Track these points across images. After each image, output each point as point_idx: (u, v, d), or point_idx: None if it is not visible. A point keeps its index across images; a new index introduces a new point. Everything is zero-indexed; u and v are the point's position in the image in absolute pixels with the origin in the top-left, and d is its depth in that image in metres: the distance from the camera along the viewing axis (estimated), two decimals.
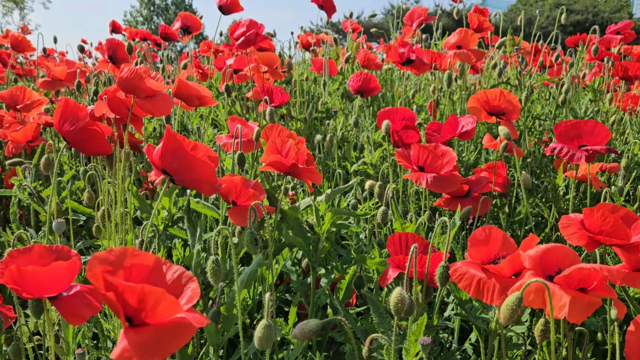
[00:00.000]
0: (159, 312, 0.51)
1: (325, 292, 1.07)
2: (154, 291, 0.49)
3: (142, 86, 1.04)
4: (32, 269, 0.60)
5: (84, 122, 0.93)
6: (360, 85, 1.63)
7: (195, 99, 1.22)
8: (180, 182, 0.88)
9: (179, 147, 0.84)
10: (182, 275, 0.56)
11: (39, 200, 1.22)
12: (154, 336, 0.49)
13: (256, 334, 0.68)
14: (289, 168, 1.03)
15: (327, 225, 1.03)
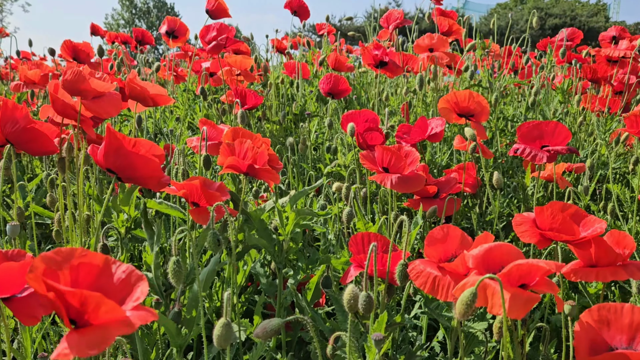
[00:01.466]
0: (101, 315, 0.51)
1: (291, 292, 1.07)
2: (94, 296, 0.50)
3: (86, 87, 1.03)
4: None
5: (24, 123, 0.93)
6: (331, 87, 1.64)
7: (148, 99, 1.22)
8: (126, 180, 0.89)
9: (120, 146, 0.85)
10: (132, 274, 0.56)
11: (4, 206, 1.21)
12: (94, 336, 0.49)
13: (215, 332, 0.69)
14: (247, 169, 1.03)
15: (290, 226, 1.03)
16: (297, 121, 1.92)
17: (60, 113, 1.01)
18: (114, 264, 0.57)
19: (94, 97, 0.99)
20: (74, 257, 0.54)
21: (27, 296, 0.65)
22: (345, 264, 1.05)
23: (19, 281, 0.65)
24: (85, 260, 0.56)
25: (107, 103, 1.00)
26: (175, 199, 1.26)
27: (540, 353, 0.95)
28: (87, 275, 0.56)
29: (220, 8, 1.99)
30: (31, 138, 0.93)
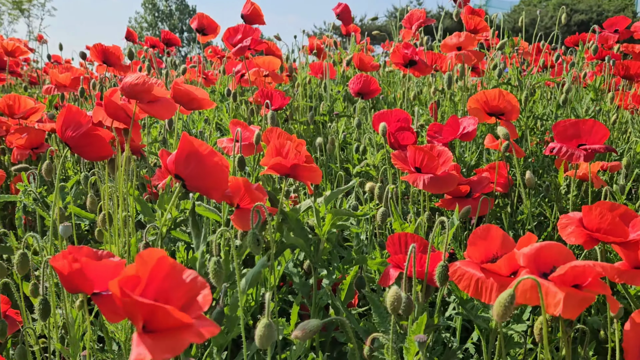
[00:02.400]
0: (170, 323, 0.52)
1: (327, 292, 1.08)
2: (163, 309, 0.51)
3: (147, 92, 1.05)
4: (86, 261, 0.62)
5: (86, 127, 0.95)
6: (361, 88, 1.64)
7: (193, 102, 1.23)
8: (192, 188, 0.88)
9: (195, 153, 0.84)
10: (196, 279, 0.57)
11: (43, 206, 1.24)
12: (167, 342, 0.51)
13: (257, 332, 0.69)
14: (289, 169, 1.04)
15: (327, 226, 1.04)
16: (325, 121, 1.93)
17: (111, 116, 1.03)
18: (180, 268, 0.58)
19: (149, 100, 1.01)
20: (154, 260, 0.55)
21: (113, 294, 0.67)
22: (380, 265, 1.05)
23: (110, 278, 0.67)
24: (158, 264, 0.57)
25: (162, 107, 1.02)
26: (209, 201, 1.27)
27: (580, 355, 0.93)
28: (156, 279, 0.57)
29: (256, 13, 2.00)
30: (90, 142, 0.94)
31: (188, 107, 1.25)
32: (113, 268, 0.68)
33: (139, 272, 0.56)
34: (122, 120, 1.10)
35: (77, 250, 0.73)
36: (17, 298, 1.01)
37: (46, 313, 0.88)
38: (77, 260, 0.67)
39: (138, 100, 1.07)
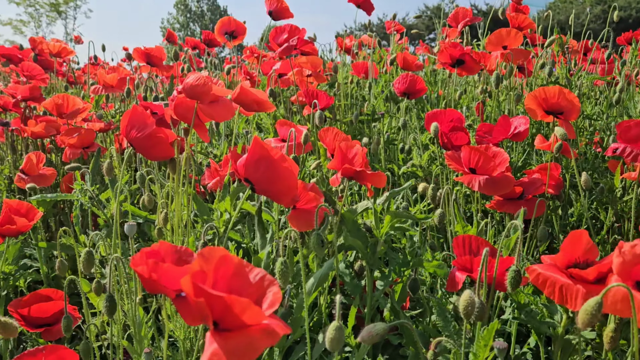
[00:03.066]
0: (244, 320, 0.52)
1: (381, 295, 1.07)
2: (240, 301, 0.50)
3: (207, 92, 1.06)
4: (167, 267, 0.62)
5: (151, 128, 0.95)
6: (407, 87, 1.62)
7: (254, 104, 1.24)
8: (261, 192, 0.88)
9: (266, 157, 0.84)
10: (264, 277, 0.57)
11: (98, 204, 1.26)
12: (241, 341, 0.50)
13: (327, 335, 0.69)
14: (355, 173, 1.03)
15: (385, 228, 1.03)
16: (368, 121, 1.91)
17: (180, 117, 1.04)
18: (246, 266, 0.58)
19: (211, 101, 1.02)
20: (215, 258, 0.55)
21: (185, 290, 0.66)
22: (437, 268, 1.03)
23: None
24: (223, 262, 0.57)
25: (223, 108, 1.03)
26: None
27: None
28: (223, 278, 0.57)
29: (283, 8, 1.99)
30: (154, 143, 0.95)
31: (249, 109, 1.25)
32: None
33: (204, 270, 0.56)
34: (188, 121, 1.11)
35: (157, 248, 0.72)
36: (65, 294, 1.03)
37: (112, 310, 0.89)
38: (158, 265, 0.65)
39: (200, 101, 1.08)
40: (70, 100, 1.62)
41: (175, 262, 0.70)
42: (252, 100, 1.16)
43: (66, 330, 0.99)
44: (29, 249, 1.53)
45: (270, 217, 1.20)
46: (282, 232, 1.21)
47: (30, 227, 1.15)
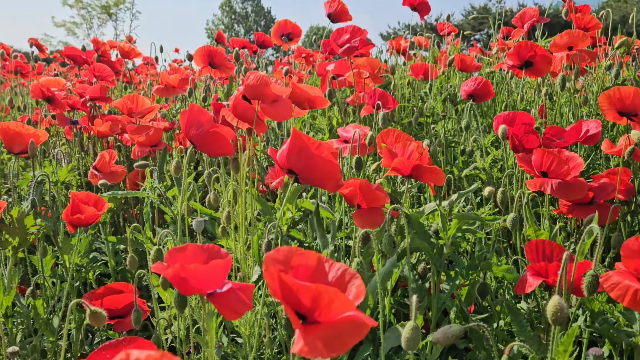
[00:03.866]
0: (332, 311, 0.52)
1: (447, 297, 1.06)
2: (327, 290, 0.51)
3: (267, 92, 1.08)
4: (194, 267, 0.63)
5: (208, 126, 0.98)
6: (474, 90, 1.60)
7: (306, 102, 1.25)
8: (304, 181, 0.91)
9: (305, 147, 0.87)
10: (345, 272, 0.57)
11: (166, 202, 1.29)
12: (331, 334, 0.51)
13: (404, 335, 0.69)
14: (412, 170, 1.03)
15: (452, 230, 1.02)
16: (426, 123, 1.90)
17: (239, 116, 1.06)
18: (326, 262, 0.59)
19: (272, 100, 1.04)
20: (293, 255, 0.56)
21: (228, 292, 0.68)
22: (506, 272, 1.01)
23: (221, 277, 0.68)
24: (302, 259, 0.58)
25: (283, 107, 1.04)
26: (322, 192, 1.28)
27: None
28: (304, 273, 0.58)
29: (342, 11, 2.00)
30: (213, 140, 0.97)
31: (303, 107, 1.26)
32: (223, 267, 0.68)
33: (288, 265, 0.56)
34: (247, 121, 1.13)
35: (182, 251, 0.73)
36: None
37: (183, 305, 0.91)
38: (184, 268, 0.66)
39: (261, 101, 1.10)
40: (139, 100, 1.68)
41: (205, 261, 0.71)
42: (305, 97, 1.17)
43: (136, 322, 1.02)
44: (97, 242, 1.59)
45: (331, 214, 1.20)
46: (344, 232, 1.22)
47: (98, 217, 1.18)
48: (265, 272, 0.53)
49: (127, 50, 2.26)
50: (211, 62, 2.02)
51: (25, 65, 2.89)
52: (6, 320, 1.20)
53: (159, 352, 0.38)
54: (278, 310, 1.07)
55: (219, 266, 0.69)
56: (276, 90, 1.07)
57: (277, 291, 0.54)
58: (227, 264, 0.70)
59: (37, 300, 1.22)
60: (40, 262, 1.32)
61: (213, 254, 0.78)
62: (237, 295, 0.71)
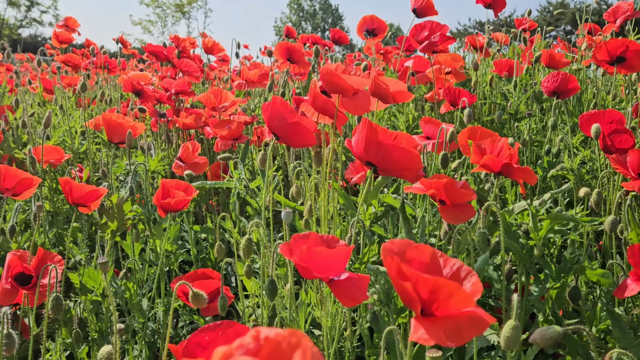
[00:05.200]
0: (450, 305, 0.52)
1: (536, 300, 1.03)
2: (448, 284, 0.51)
3: (346, 85, 1.08)
4: (321, 251, 0.65)
5: (290, 117, 1.00)
6: (557, 86, 1.54)
7: (390, 96, 1.24)
8: (384, 172, 0.91)
9: (383, 137, 0.86)
10: (461, 268, 0.57)
11: (251, 193, 1.33)
12: (448, 327, 0.51)
13: (503, 334, 0.68)
14: (502, 168, 1.00)
15: (544, 231, 0.99)
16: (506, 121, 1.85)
17: (318, 110, 1.07)
18: (440, 257, 0.58)
19: (352, 93, 1.04)
20: (408, 248, 0.57)
21: (346, 280, 0.70)
22: (601, 276, 0.97)
23: (341, 265, 0.70)
24: (416, 253, 0.58)
25: (362, 100, 1.05)
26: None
27: None
28: (418, 267, 0.58)
29: (428, 6, 1.97)
30: (295, 131, 0.99)
31: (385, 101, 1.26)
32: (344, 254, 0.70)
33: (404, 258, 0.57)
34: (327, 114, 1.14)
35: (304, 238, 0.76)
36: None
37: (274, 293, 0.94)
38: (311, 251, 0.69)
39: (341, 94, 1.10)
40: (223, 95, 1.74)
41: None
42: (387, 91, 1.16)
43: (222, 309, 1.05)
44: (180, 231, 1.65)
45: (413, 211, 1.20)
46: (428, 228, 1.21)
47: (187, 203, 1.22)
48: (384, 259, 0.54)
49: (211, 46, 2.34)
50: (290, 58, 2.05)
51: (111, 60, 3.04)
52: (102, 300, 1.27)
53: (287, 330, 0.40)
54: (360, 305, 1.08)
55: (343, 252, 0.70)
56: (355, 82, 1.07)
57: (395, 278, 0.54)
58: (348, 252, 0.71)
59: (129, 283, 1.29)
60: (132, 247, 1.39)
61: (333, 242, 0.80)
62: (356, 283, 0.72)
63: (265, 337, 0.40)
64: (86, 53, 3.49)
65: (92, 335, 1.27)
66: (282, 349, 0.38)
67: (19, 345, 0.93)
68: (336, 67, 1.04)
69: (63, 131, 2.10)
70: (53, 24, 19.70)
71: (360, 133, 0.88)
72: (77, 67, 2.77)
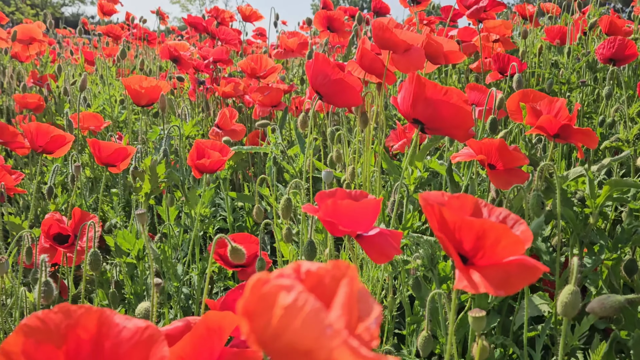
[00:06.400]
0: (497, 252, 0.47)
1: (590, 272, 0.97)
2: (495, 227, 0.46)
3: (398, 40, 1.02)
4: (347, 203, 0.61)
5: (334, 74, 0.95)
6: (614, 53, 1.44)
7: (442, 56, 1.18)
8: (431, 131, 0.86)
9: (433, 93, 0.81)
10: (508, 217, 0.52)
11: (289, 159, 1.30)
12: (496, 275, 0.46)
13: (561, 299, 0.63)
14: (560, 129, 0.94)
15: (602, 198, 0.92)
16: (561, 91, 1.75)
17: (366, 68, 1.03)
18: (484, 206, 0.54)
19: (405, 50, 0.99)
20: (449, 197, 0.52)
21: (377, 235, 0.66)
22: None
23: (371, 219, 0.66)
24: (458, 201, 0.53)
25: (415, 57, 0.99)
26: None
27: None
28: None
29: None
30: (339, 89, 0.95)
31: (436, 62, 1.20)
32: (373, 207, 0.66)
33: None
34: (375, 73, 1.09)
35: (331, 194, 0.72)
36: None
37: (313, 254, 0.91)
38: (336, 205, 0.65)
39: (392, 51, 1.05)
40: (263, 61, 1.71)
41: None
42: (440, 50, 1.10)
43: (260, 270, 1.03)
44: (217, 199, 1.64)
45: (459, 178, 1.14)
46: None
47: (223, 164, 1.18)
48: (424, 207, 0.50)
49: (249, 14, 2.31)
50: (330, 26, 2.00)
51: (151, 32, 3.05)
52: (138, 262, 1.27)
53: (330, 262, 0.36)
54: (401, 270, 1.04)
55: (371, 205, 0.66)
56: (409, 38, 1.01)
57: (436, 228, 0.50)
58: (377, 205, 0.67)
59: (165, 245, 1.29)
60: (166, 211, 1.38)
61: (360, 197, 0.76)
62: (387, 238, 0.69)
63: (306, 270, 0.36)
64: (125, 27, 3.51)
65: (127, 297, 1.27)
66: (325, 284, 0.34)
67: (57, 298, 0.93)
68: (388, 21, 0.99)
69: (103, 100, 2.11)
70: (95, 2, 20.00)
71: (408, 88, 0.84)
72: (117, 38, 2.78)
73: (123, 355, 0.39)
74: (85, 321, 0.39)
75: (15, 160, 2.07)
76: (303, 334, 0.24)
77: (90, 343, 0.39)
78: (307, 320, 0.24)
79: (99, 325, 0.39)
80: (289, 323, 0.24)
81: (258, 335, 0.27)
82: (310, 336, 0.24)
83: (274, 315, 0.25)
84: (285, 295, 0.25)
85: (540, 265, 0.46)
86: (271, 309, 0.25)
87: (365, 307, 0.31)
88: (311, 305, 0.25)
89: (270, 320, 0.25)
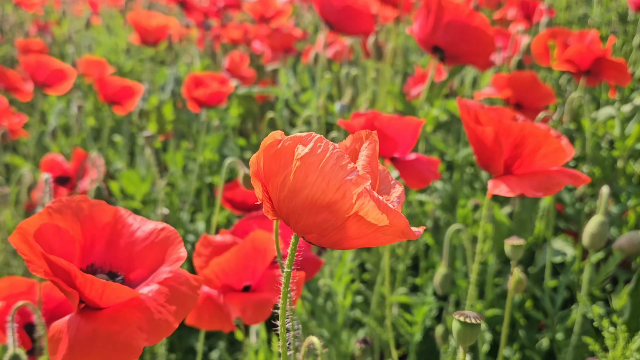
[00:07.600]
0: (536, 160, 0.43)
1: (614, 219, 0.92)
2: (537, 131, 0.41)
3: None
4: (389, 118, 0.57)
5: (339, 2, 0.90)
6: None
7: None
8: (452, 59, 0.81)
9: (455, 16, 0.76)
10: None
11: (299, 103, 1.25)
12: (538, 177, 0.42)
13: (587, 230, 0.59)
14: (592, 64, 0.87)
15: (632, 139, 0.86)
16: None
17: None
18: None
19: None
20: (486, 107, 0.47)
21: (416, 160, 0.62)
22: None
23: (411, 141, 0.62)
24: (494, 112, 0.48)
25: None
26: None
27: None
28: None
29: None
30: (350, 16, 0.90)
31: None
32: (415, 127, 0.62)
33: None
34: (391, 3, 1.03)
35: (364, 114, 0.67)
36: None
37: None
38: (377, 117, 0.61)
39: None
40: (271, 4, 1.64)
41: None
42: None
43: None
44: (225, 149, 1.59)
45: None
46: None
47: (224, 96, 1.10)
48: (460, 113, 0.45)
49: None
50: None
51: None
52: (143, 206, 1.23)
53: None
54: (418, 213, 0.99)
55: (412, 123, 0.61)
56: None
57: (471, 139, 0.45)
58: (418, 125, 0.62)
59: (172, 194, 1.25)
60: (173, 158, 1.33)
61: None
62: (425, 164, 0.64)
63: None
64: None
65: None
66: (345, 146, 0.30)
67: None
68: None
69: (107, 48, 2.04)
70: None
71: (426, 13, 0.78)
72: None
73: (137, 254, 0.40)
74: (100, 214, 0.41)
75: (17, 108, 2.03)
76: (323, 182, 0.20)
77: (105, 239, 0.40)
78: (327, 166, 0.20)
79: (114, 222, 0.41)
80: (307, 173, 0.20)
81: (275, 199, 0.22)
82: (331, 184, 0.20)
83: (291, 171, 0.21)
84: (302, 147, 0.21)
85: (582, 175, 0.41)
86: (288, 165, 0.21)
87: (386, 187, 0.27)
88: (330, 150, 0.20)
89: (287, 177, 0.21)
